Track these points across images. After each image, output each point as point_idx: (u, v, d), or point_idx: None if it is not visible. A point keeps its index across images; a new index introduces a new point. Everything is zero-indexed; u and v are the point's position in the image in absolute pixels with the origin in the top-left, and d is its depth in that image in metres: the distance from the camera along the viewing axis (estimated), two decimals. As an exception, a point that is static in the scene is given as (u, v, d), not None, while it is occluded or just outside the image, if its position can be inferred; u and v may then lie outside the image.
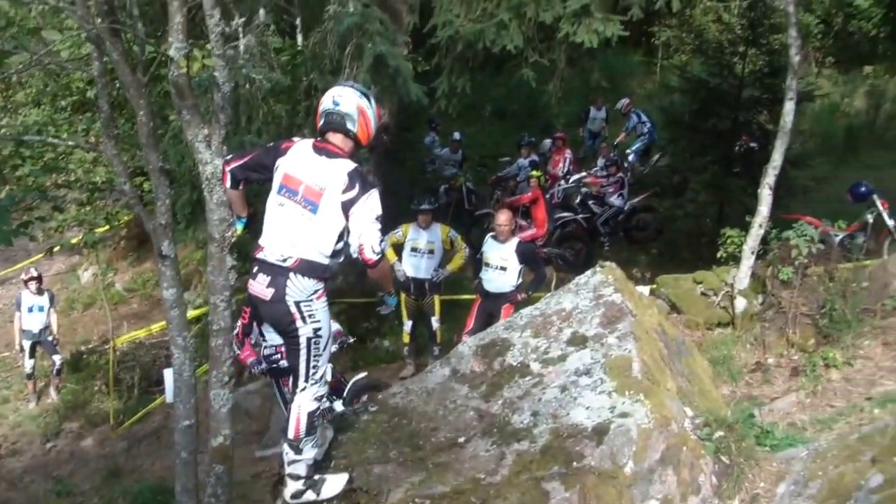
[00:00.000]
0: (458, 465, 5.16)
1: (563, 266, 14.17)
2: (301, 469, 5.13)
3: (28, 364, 15.01)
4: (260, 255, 5.03)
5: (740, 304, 10.42)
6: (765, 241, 10.34)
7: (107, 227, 17.61)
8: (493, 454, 5.18)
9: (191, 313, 10.46)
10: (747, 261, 10.43)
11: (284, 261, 4.92)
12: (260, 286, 4.98)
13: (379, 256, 4.93)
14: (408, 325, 11.70)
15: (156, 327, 15.83)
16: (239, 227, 5.75)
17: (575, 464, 4.87)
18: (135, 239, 20.26)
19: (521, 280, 10.15)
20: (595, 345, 5.89)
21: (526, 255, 10.22)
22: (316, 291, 4.99)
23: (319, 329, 5.02)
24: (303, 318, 4.97)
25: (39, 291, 15.02)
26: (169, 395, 6.22)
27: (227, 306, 6.21)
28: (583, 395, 5.40)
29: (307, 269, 4.93)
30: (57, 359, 15.08)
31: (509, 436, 5.30)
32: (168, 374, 6.15)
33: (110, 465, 12.17)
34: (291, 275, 4.91)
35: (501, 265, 10.13)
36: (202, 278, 15.70)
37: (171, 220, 6.55)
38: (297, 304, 4.94)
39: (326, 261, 4.99)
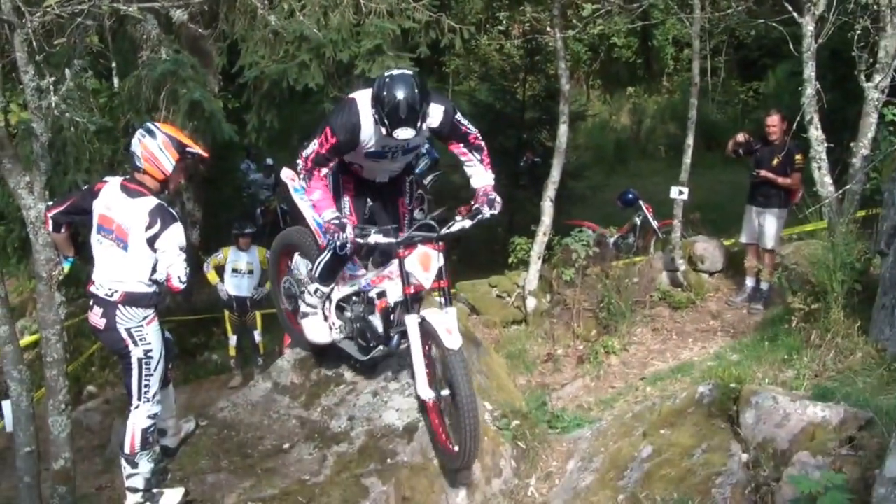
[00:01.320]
0: (284, 469, 5.21)
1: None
2: (139, 482, 5.08)
3: None
4: (92, 289, 5.10)
5: (531, 303, 10.78)
6: (549, 246, 10.76)
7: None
8: (316, 457, 5.26)
9: (27, 339, 9.98)
10: (535, 265, 10.81)
11: (111, 295, 4.99)
12: (95, 317, 5.06)
13: (185, 285, 5.04)
14: (233, 339, 11.58)
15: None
16: (66, 266, 5.65)
17: (389, 460, 4.99)
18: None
19: None
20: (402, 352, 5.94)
21: None
22: (146, 318, 5.05)
23: (150, 351, 5.04)
24: (134, 342, 5.01)
25: None
26: (8, 425, 5.95)
27: (58, 339, 5.96)
28: (393, 398, 5.52)
29: (133, 299, 5.00)
30: None
31: (329, 439, 5.37)
32: (6, 406, 5.89)
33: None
34: (120, 306, 4.98)
35: None
36: (37, 305, 14.92)
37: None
38: (129, 330, 5.00)
39: (150, 288, 5.05)
